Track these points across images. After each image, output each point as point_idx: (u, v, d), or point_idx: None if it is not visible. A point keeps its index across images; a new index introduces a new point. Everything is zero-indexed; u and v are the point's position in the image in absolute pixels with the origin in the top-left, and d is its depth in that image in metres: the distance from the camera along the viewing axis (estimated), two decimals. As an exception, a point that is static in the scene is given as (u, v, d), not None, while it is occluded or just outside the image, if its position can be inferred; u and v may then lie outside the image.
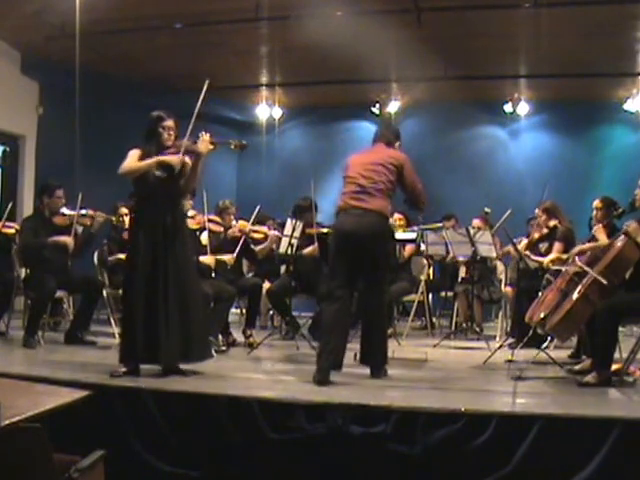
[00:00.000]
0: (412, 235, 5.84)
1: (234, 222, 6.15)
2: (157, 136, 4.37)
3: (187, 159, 4.36)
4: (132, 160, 4.28)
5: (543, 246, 5.84)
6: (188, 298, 4.32)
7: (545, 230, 5.89)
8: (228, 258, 5.94)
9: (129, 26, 7.24)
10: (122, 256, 5.45)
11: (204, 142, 4.33)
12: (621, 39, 7.47)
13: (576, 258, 4.58)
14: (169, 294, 4.21)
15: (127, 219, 5.54)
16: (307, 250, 6.17)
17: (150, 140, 4.40)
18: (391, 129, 4.95)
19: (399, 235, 6.17)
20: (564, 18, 6.82)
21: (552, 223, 5.85)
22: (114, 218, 6.03)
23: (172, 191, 4.38)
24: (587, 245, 4.73)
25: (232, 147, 4.62)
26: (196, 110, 4.34)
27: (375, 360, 4.39)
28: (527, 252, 5.74)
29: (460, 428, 3.33)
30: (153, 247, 4.24)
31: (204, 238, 5.85)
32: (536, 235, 5.97)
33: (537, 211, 5.97)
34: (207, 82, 4.33)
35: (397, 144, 4.70)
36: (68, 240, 5.64)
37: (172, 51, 8.00)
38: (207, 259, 5.69)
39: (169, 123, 4.39)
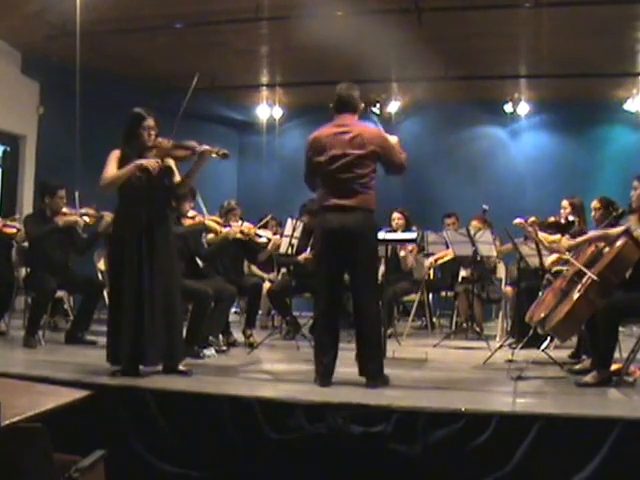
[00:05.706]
0: (412, 235, 5.81)
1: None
2: (137, 137, 4.19)
3: (171, 161, 4.24)
4: (112, 167, 4.15)
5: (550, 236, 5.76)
6: (173, 299, 4.25)
7: (562, 221, 5.73)
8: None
9: (129, 26, 7.24)
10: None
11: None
12: (621, 39, 7.47)
13: (569, 256, 4.56)
14: (155, 295, 4.13)
15: None
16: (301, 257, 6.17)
17: (130, 140, 4.22)
18: (353, 88, 4.20)
19: (399, 235, 6.16)
20: (564, 18, 6.83)
21: (572, 218, 5.73)
22: None
23: (155, 191, 4.19)
24: (579, 239, 4.67)
25: (213, 155, 4.23)
26: (184, 103, 4.12)
27: (367, 369, 4.11)
28: (535, 225, 5.62)
29: (460, 428, 3.33)
30: (137, 248, 4.13)
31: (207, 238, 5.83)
32: (551, 219, 5.86)
33: (564, 202, 5.85)
34: (197, 76, 4.13)
35: (362, 105, 4.23)
36: (77, 218, 5.68)
37: (172, 51, 7.99)
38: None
39: (150, 122, 4.20)
